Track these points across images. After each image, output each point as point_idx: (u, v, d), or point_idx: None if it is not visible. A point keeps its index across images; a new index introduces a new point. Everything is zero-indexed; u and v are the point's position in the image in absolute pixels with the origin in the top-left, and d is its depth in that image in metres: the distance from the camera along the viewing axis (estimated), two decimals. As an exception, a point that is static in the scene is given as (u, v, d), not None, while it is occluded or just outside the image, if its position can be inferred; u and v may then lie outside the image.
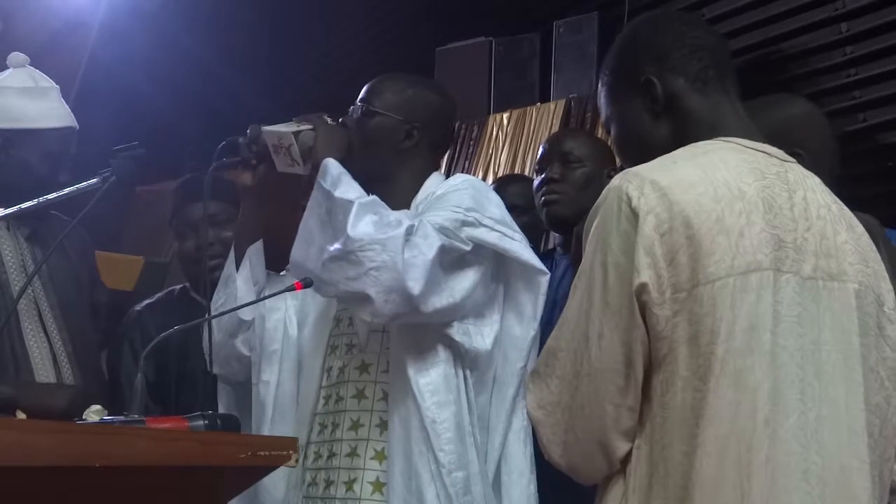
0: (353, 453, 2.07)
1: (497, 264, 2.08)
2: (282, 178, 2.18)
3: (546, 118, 4.02)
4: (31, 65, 2.61)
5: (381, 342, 2.10)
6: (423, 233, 1.94)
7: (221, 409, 2.34)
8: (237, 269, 2.25)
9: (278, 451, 1.75)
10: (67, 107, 2.58)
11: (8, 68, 2.59)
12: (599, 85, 1.64)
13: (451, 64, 4.41)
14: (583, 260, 1.43)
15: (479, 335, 2.04)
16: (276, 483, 2.13)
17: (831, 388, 1.41)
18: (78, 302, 2.56)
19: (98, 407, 1.91)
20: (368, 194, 2.02)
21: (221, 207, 2.66)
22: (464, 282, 2.00)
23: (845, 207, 1.54)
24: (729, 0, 3.49)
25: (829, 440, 1.40)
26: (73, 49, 5.33)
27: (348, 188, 2.00)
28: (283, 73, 5.21)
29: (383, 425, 2.05)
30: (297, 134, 2.10)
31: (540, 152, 2.71)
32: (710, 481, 1.33)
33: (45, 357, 2.40)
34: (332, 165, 2.05)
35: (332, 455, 2.10)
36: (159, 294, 2.79)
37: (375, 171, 2.16)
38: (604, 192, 1.43)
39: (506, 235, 2.04)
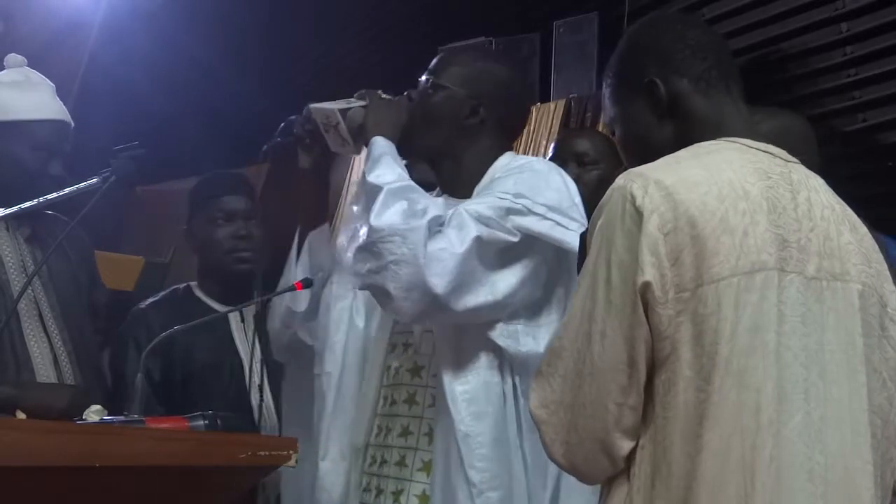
0: (401, 462, 1.94)
1: (557, 258, 1.91)
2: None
3: (546, 118, 4.01)
4: (31, 65, 2.60)
5: (433, 344, 1.95)
6: (458, 223, 1.80)
7: (284, 399, 2.29)
8: (297, 256, 2.13)
9: (278, 451, 1.76)
10: (61, 103, 2.55)
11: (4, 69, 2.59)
12: (603, 87, 1.64)
13: (451, 64, 4.41)
14: (587, 259, 1.43)
15: (529, 337, 1.87)
16: (335, 483, 2.01)
17: (835, 389, 1.41)
18: (78, 302, 2.56)
19: (98, 407, 1.91)
20: (413, 177, 1.87)
21: (249, 204, 2.68)
22: (509, 277, 1.84)
23: (848, 208, 1.54)
24: (729, 0, 3.49)
25: (833, 440, 1.40)
26: (73, 49, 5.33)
27: (384, 171, 1.87)
28: (283, 73, 5.20)
29: (432, 434, 1.92)
30: (344, 111, 1.99)
31: (552, 151, 2.67)
32: (714, 481, 1.33)
33: (45, 357, 2.40)
34: (375, 145, 1.91)
35: (384, 462, 1.98)
36: (163, 293, 2.77)
37: (439, 150, 2.02)
38: (608, 192, 1.43)
39: (559, 224, 1.85)
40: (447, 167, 2.01)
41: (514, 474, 1.85)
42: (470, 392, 1.85)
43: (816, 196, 1.49)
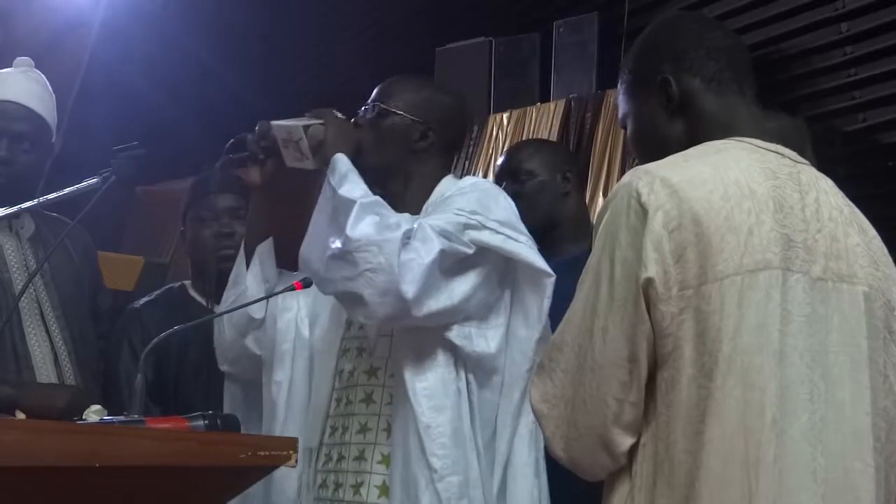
0: (360, 457, 2.07)
1: (505, 267, 2.07)
2: (294, 173, 2.16)
3: (546, 118, 4.01)
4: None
5: (389, 346, 2.10)
6: (423, 236, 1.94)
7: (227, 408, 2.33)
8: (247, 267, 2.23)
9: (278, 451, 1.75)
10: (37, 90, 2.54)
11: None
12: (619, 83, 1.67)
13: (451, 64, 4.40)
14: (591, 255, 1.44)
15: (481, 338, 2.03)
16: (290, 483, 2.14)
17: (837, 391, 1.41)
18: (79, 302, 2.56)
19: (98, 407, 1.91)
20: (376, 193, 2.01)
21: (237, 202, 2.67)
22: (463, 284, 2.00)
23: (857, 210, 1.54)
24: (729, 0, 3.49)
25: (833, 442, 1.40)
26: (73, 49, 5.33)
27: (353, 186, 2.00)
28: (283, 73, 5.21)
29: (390, 429, 2.05)
30: (306, 128, 2.10)
31: (497, 168, 2.75)
32: (717, 479, 1.33)
33: (46, 356, 2.40)
34: (340, 162, 2.04)
35: (341, 458, 2.11)
36: (157, 292, 2.76)
37: (388, 172, 2.16)
38: (615, 188, 1.44)
39: (510, 238, 2.03)
40: (396, 186, 2.16)
41: (469, 462, 2.00)
42: (429, 388, 2.00)
43: (825, 198, 1.49)
